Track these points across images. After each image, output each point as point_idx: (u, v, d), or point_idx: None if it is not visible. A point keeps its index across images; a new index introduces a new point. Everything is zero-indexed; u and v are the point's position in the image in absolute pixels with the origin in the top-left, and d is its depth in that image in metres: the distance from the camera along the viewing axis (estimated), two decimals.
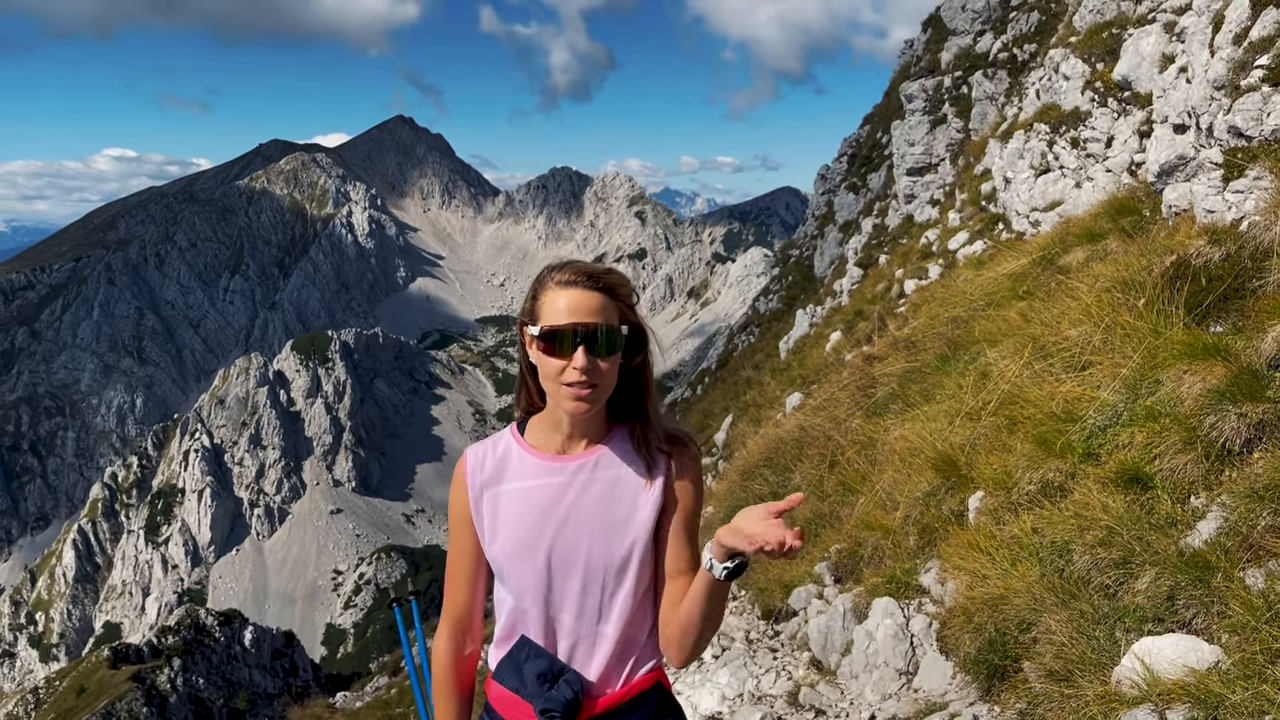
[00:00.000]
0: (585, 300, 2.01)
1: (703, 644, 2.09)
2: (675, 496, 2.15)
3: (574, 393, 2.01)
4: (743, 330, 41.76)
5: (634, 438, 2.16)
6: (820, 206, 38.29)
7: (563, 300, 2.02)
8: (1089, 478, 4.31)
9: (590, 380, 2.00)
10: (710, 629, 2.06)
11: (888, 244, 23.03)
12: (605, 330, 2.00)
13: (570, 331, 1.99)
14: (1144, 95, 10.11)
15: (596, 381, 2.01)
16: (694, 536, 2.18)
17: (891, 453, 7.02)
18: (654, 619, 2.20)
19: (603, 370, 2.01)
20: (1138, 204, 7.98)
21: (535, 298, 2.08)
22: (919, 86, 23.68)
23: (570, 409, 2.05)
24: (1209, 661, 2.98)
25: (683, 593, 2.11)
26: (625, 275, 2.12)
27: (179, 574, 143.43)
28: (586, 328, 1.99)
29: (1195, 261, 4.86)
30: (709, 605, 2.01)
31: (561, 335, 1.99)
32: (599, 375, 2.01)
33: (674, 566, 2.15)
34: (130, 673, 32.48)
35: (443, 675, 2.34)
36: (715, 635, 2.27)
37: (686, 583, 2.12)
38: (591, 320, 1.99)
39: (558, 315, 2.01)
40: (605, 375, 2.03)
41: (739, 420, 20.23)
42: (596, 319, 2.00)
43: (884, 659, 5.02)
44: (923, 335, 9.83)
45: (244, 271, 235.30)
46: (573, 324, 1.99)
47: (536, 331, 2.03)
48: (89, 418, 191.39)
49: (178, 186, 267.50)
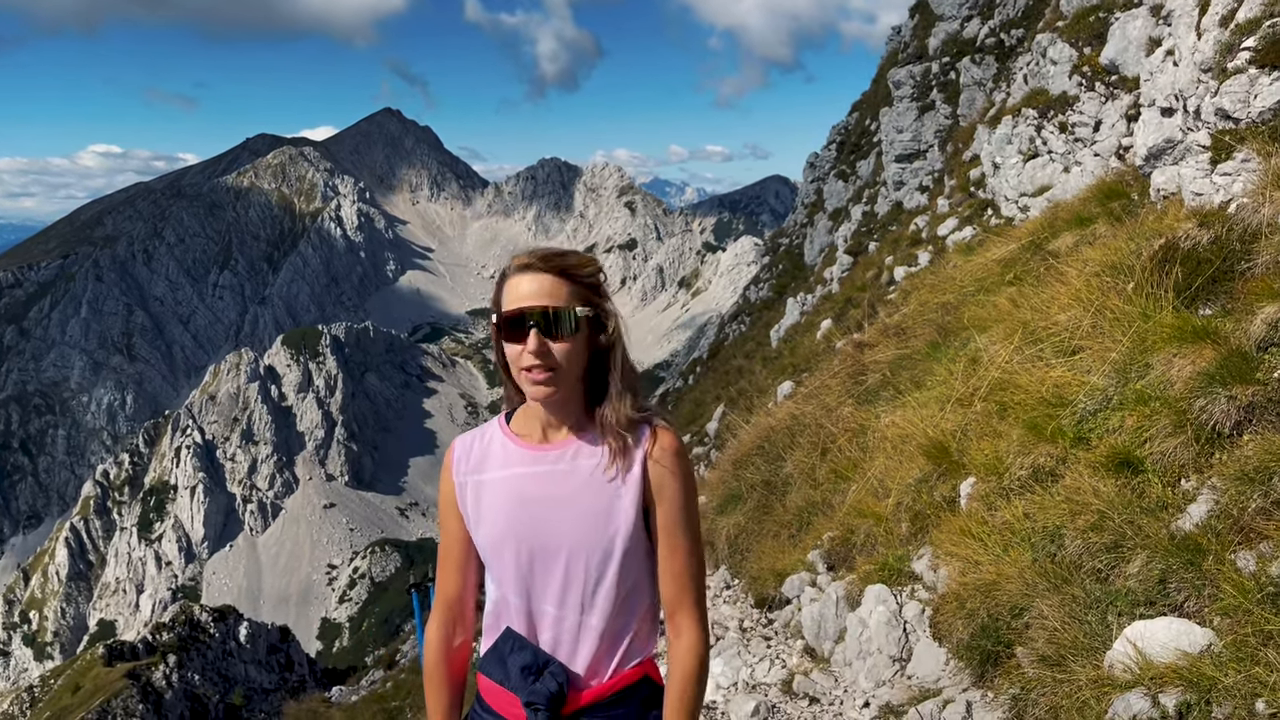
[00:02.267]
0: (538, 283, 1.99)
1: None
2: (657, 484, 2.10)
3: (532, 377, 1.99)
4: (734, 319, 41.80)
5: (601, 423, 2.10)
6: (810, 194, 38.29)
7: (520, 285, 2.01)
8: (1080, 462, 4.31)
9: (545, 364, 1.98)
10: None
11: (877, 231, 23.05)
12: (555, 312, 1.97)
13: (521, 315, 1.98)
14: (1131, 79, 10.11)
15: (553, 365, 1.98)
16: (686, 524, 2.13)
17: (883, 440, 7.02)
18: (645, 610, 2.17)
19: (557, 354, 1.98)
20: (1126, 188, 7.98)
21: (499, 287, 2.07)
22: (907, 73, 23.67)
23: (531, 394, 2.04)
24: (1201, 644, 2.98)
25: (675, 580, 2.11)
26: (590, 256, 2.09)
27: (173, 570, 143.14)
28: (536, 310, 1.97)
29: (1184, 244, 4.86)
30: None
31: (515, 320, 1.99)
32: (553, 359, 1.98)
33: (665, 564, 2.13)
34: (125, 670, 32.42)
35: (433, 664, 2.32)
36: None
37: (679, 569, 2.11)
38: (541, 303, 1.97)
39: (513, 301, 2.00)
40: (562, 359, 1.99)
41: (731, 409, 20.24)
42: (547, 301, 1.98)
43: (877, 646, 5.03)
44: (913, 322, 9.84)
45: (233, 267, 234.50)
46: (524, 308, 1.98)
47: (495, 319, 2.04)
48: (79, 415, 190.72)
49: (165, 182, 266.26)
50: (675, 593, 2.13)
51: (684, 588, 2.13)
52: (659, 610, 2.22)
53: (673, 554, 2.12)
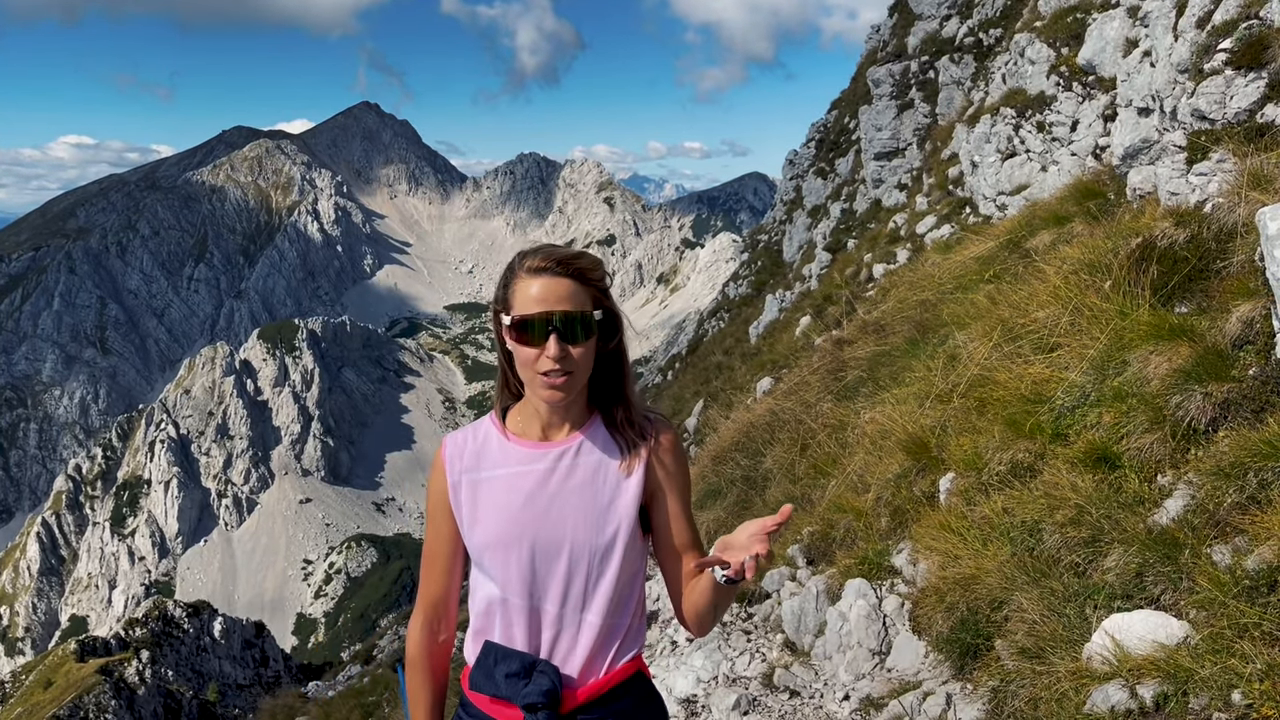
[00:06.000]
0: (555, 287, 1.98)
1: (716, 622, 2.20)
2: (661, 479, 2.14)
3: (548, 381, 1.99)
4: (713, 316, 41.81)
5: (614, 422, 2.13)
6: (789, 192, 38.35)
7: (534, 287, 1.98)
8: (1058, 458, 4.36)
9: (564, 369, 1.98)
10: (722, 613, 2.19)
11: (856, 229, 23.13)
12: (578, 317, 1.97)
13: (542, 320, 1.96)
14: (1108, 79, 10.20)
15: (571, 369, 1.99)
16: (690, 514, 2.20)
17: (862, 435, 7.06)
18: (637, 606, 2.19)
19: (576, 357, 1.99)
20: (1103, 187, 8.05)
21: (507, 285, 2.05)
22: (886, 71, 23.75)
23: (545, 397, 2.03)
24: (1178, 637, 3.03)
25: (698, 552, 2.18)
26: (597, 258, 2.08)
27: (146, 566, 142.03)
28: (557, 315, 1.96)
29: (1160, 243, 4.92)
30: (716, 601, 2.10)
31: (533, 324, 1.97)
32: (572, 363, 1.98)
33: (681, 542, 2.18)
34: (98, 666, 32.08)
35: (417, 661, 2.31)
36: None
37: (694, 557, 2.16)
38: (562, 308, 1.96)
39: (529, 304, 1.98)
40: (579, 362, 2.00)
41: (710, 405, 20.26)
42: (567, 306, 1.97)
43: (857, 639, 5.06)
44: (892, 319, 9.89)
45: (208, 260, 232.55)
46: (543, 312, 1.96)
47: (509, 321, 2.01)
48: (51, 409, 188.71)
49: (139, 174, 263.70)
50: (696, 555, 2.20)
51: (689, 546, 2.20)
52: (646, 606, 2.25)
53: (686, 537, 2.19)
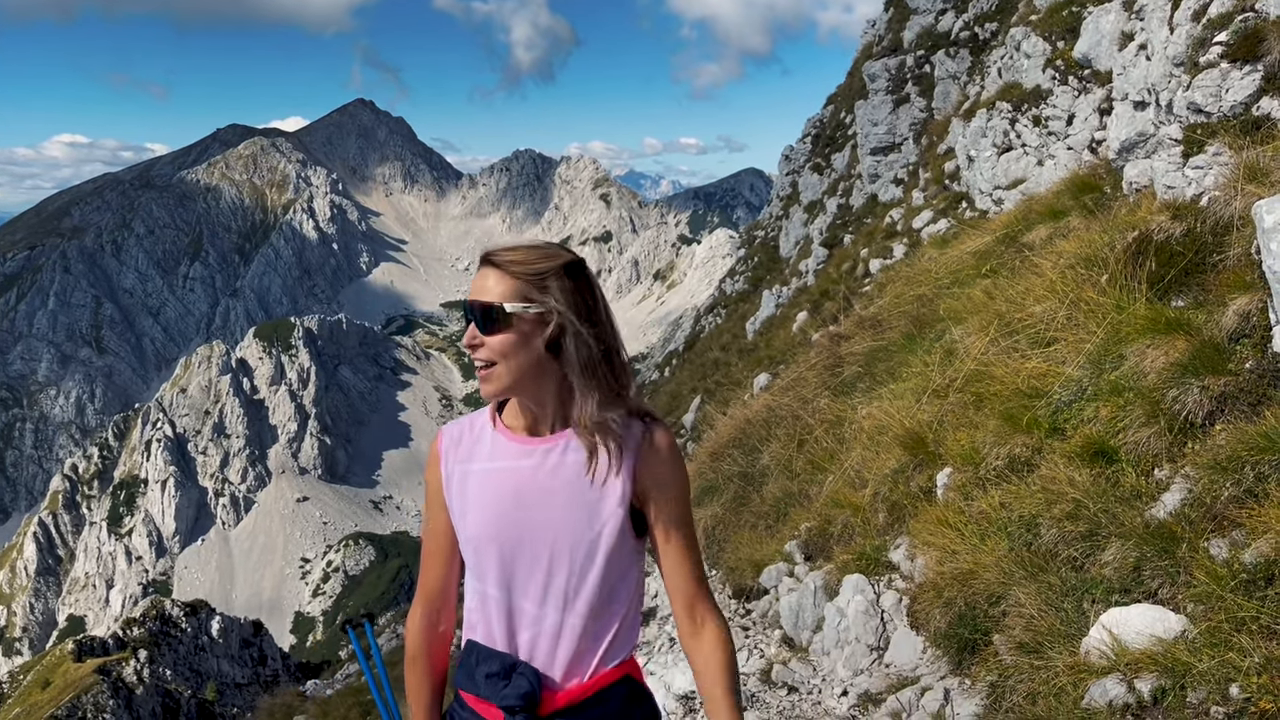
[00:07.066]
0: (480, 278, 2.01)
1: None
2: (654, 480, 2.08)
3: (477, 371, 2.03)
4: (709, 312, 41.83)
5: (578, 422, 2.05)
6: (785, 187, 38.35)
7: (474, 279, 2.05)
8: (1055, 452, 4.36)
9: (483, 358, 1.99)
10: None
11: (852, 224, 23.14)
12: (485, 307, 1.97)
13: (466, 309, 2.03)
14: (1104, 73, 10.20)
15: (491, 359, 1.98)
16: (687, 519, 2.13)
17: (860, 431, 7.05)
18: (627, 610, 2.13)
19: (495, 347, 1.97)
20: (1099, 181, 8.06)
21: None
22: (882, 66, 23.75)
23: (480, 387, 2.06)
24: (1175, 631, 3.02)
25: (689, 573, 2.11)
26: (543, 252, 2.02)
27: (143, 565, 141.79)
28: (470, 305, 2.00)
29: (1157, 237, 4.91)
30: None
31: (464, 314, 2.05)
32: (489, 352, 1.98)
33: (677, 543, 2.11)
34: (95, 665, 32.04)
35: (416, 650, 2.29)
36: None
37: (691, 562, 2.12)
38: (475, 298, 2.00)
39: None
40: (500, 353, 1.97)
41: (707, 402, 20.27)
42: (479, 296, 1.99)
43: (855, 635, 5.06)
44: (888, 314, 9.88)
45: (204, 258, 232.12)
46: (466, 301, 2.03)
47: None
48: (47, 409, 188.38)
49: (134, 173, 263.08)
50: (689, 584, 2.13)
51: (698, 579, 2.13)
52: (639, 611, 2.20)
53: (680, 548, 2.12)
